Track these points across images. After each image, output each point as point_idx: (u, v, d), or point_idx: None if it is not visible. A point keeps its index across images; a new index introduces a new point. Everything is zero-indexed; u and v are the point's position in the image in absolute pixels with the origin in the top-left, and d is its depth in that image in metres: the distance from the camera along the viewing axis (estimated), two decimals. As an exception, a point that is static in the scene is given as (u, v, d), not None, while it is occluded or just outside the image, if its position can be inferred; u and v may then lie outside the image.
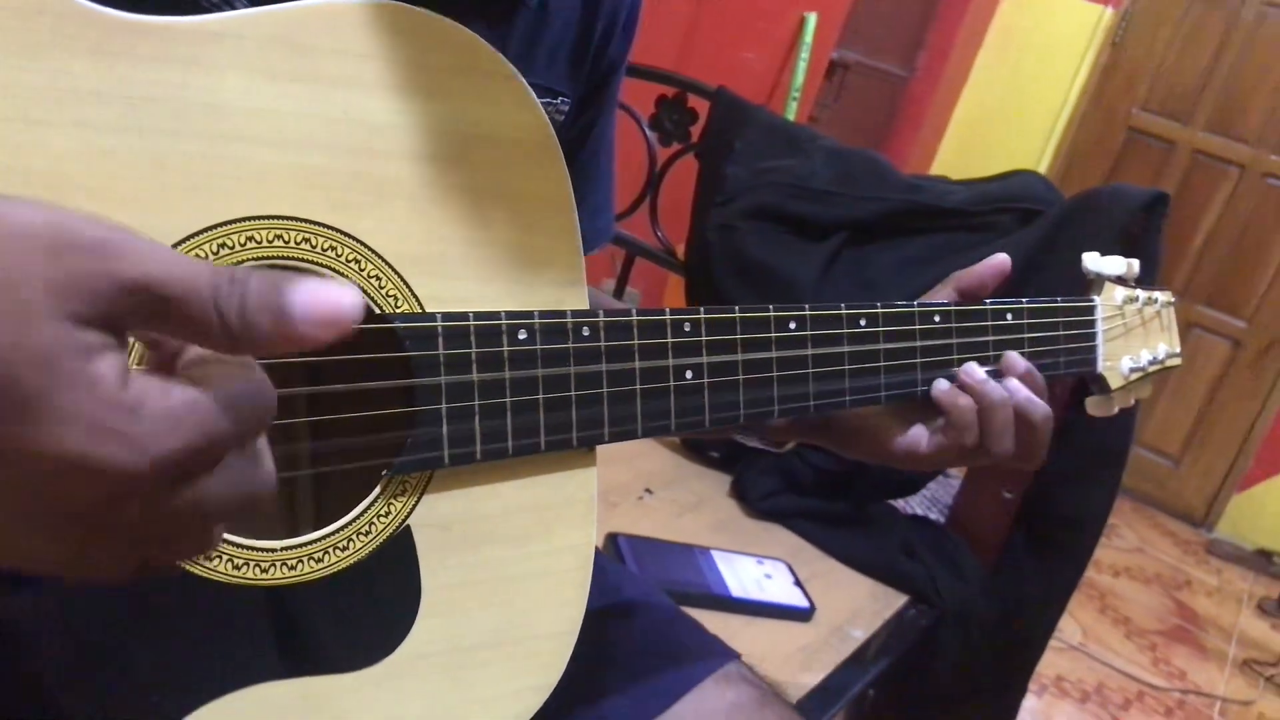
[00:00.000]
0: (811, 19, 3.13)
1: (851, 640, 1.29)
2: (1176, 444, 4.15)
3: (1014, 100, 4.29)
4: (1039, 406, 0.75)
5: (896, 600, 1.42)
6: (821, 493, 1.53)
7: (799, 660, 1.23)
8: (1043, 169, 4.28)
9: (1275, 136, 3.92)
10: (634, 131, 1.71)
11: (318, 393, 0.59)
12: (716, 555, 1.35)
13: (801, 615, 1.30)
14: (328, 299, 0.37)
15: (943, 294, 0.80)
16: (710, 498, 1.54)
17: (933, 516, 1.66)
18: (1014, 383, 0.76)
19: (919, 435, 0.77)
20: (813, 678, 1.20)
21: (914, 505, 1.70)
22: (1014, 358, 0.77)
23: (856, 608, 1.37)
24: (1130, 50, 4.16)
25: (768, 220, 1.52)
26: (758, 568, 1.35)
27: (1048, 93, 4.26)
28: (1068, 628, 2.97)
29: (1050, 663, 2.74)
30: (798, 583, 1.35)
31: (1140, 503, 4.18)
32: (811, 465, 1.54)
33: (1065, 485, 1.47)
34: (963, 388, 0.75)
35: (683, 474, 1.59)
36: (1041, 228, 1.44)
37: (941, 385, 0.76)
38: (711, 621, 0.97)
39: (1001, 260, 0.79)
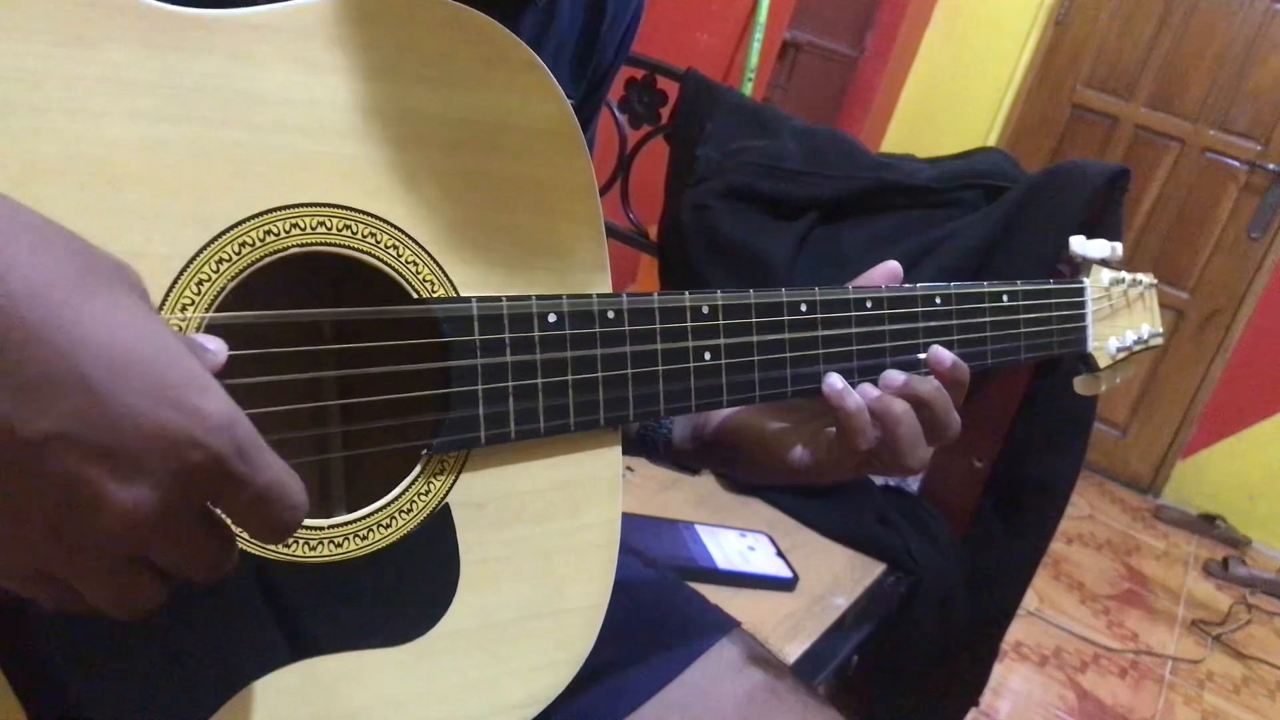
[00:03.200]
0: (765, 0, 3.15)
1: (834, 608, 1.33)
2: (1123, 413, 4.25)
3: (961, 78, 4.35)
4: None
5: (875, 568, 1.46)
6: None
7: (785, 629, 1.26)
8: (990, 145, 4.35)
9: (1214, 112, 4.02)
10: (604, 114, 1.73)
11: (353, 376, 0.61)
12: (700, 529, 1.38)
13: (786, 585, 1.33)
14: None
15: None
16: (688, 474, 1.57)
17: (906, 488, 1.70)
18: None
19: (810, 447, 0.77)
20: (799, 646, 1.24)
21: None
22: (939, 353, 0.76)
23: (837, 576, 1.41)
24: (1073, 29, 4.23)
25: (740, 200, 1.55)
26: (740, 540, 1.39)
27: (994, 71, 4.32)
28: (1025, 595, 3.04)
29: (1009, 629, 2.81)
30: (780, 554, 1.39)
31: (1089, 471, 4.28)
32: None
33: (1034, 453, 1.51)
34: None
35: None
36: (1007, 203, 1.48)
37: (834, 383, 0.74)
38: (698, 594, 0.99)
39: (892, 267, 0.79)
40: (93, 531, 0.38)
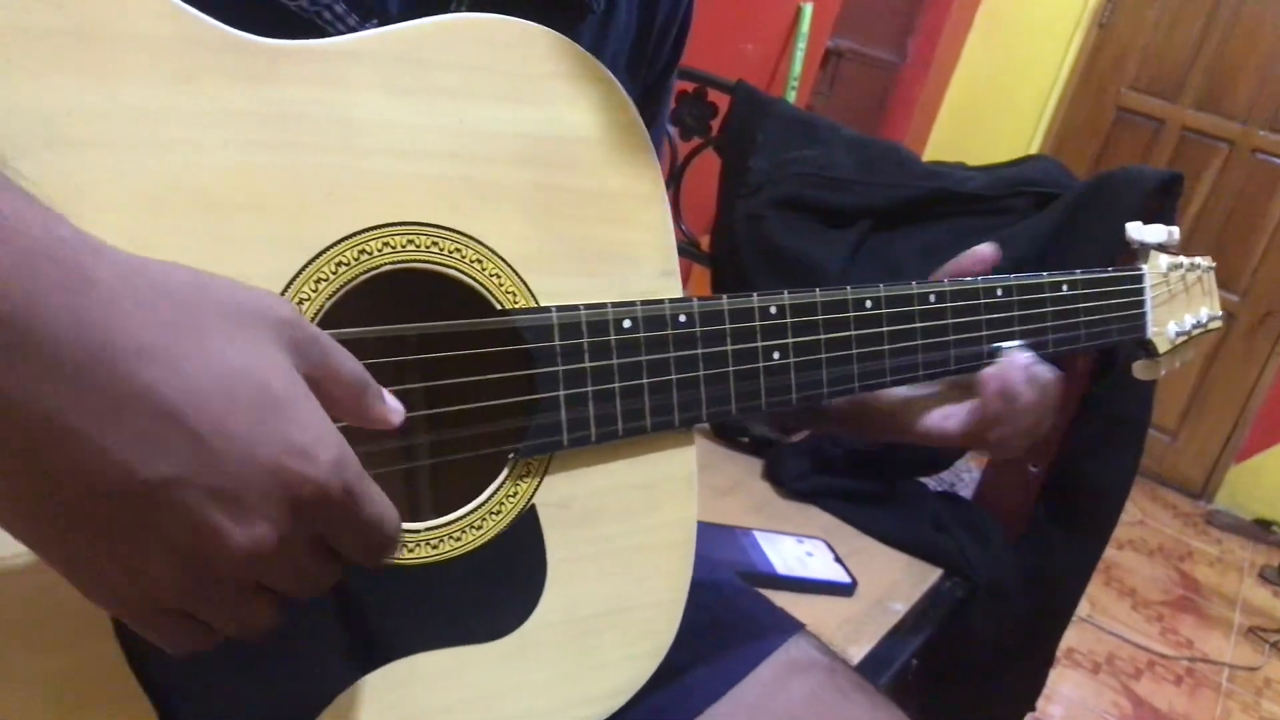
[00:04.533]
0: (808, 9, 3.17)
1: (892, 613, 1.34)
2: (1174, 417, 4.21)
3: (1004, 83, 4.34)
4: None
5: (931, 574, 1.47)
6: (852, 472, 1.58)
7: (845, 633, 1.27)
8: (1034, 150, 4.33)
9: (1263, 112, 3.98)
10: (655, 126, 1.75)
11: (439, 387, 0.63)
12: (759, 535, 1.40)
13: (844, 590, 1.34)
14: None
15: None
16: (744, 481, 1.59)
17: (961, 493, 1.71)
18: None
19: (950, 412, 0.81)
20: (860, 650, 1.25)
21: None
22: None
23: (894, 582, 1.42)
24: (1117, 30, 4.21)
25: (793, 209, 1.57)
26: (798, 546, 1.40)
27: (1037, 75, 4.31)
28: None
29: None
30: (838, 559, 1.40)
31: (1140, 476, 4.23)
32: (842, 446, 1.59)
33: (1088, 458, 1.52)
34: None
35: (715, 459, 1.64)
36: (1059, 210, 1.49)
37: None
38: (759, 599, 1.01)
39: (986, 250, 0.83)
40: (215, 568, 0.40)
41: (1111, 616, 3.05)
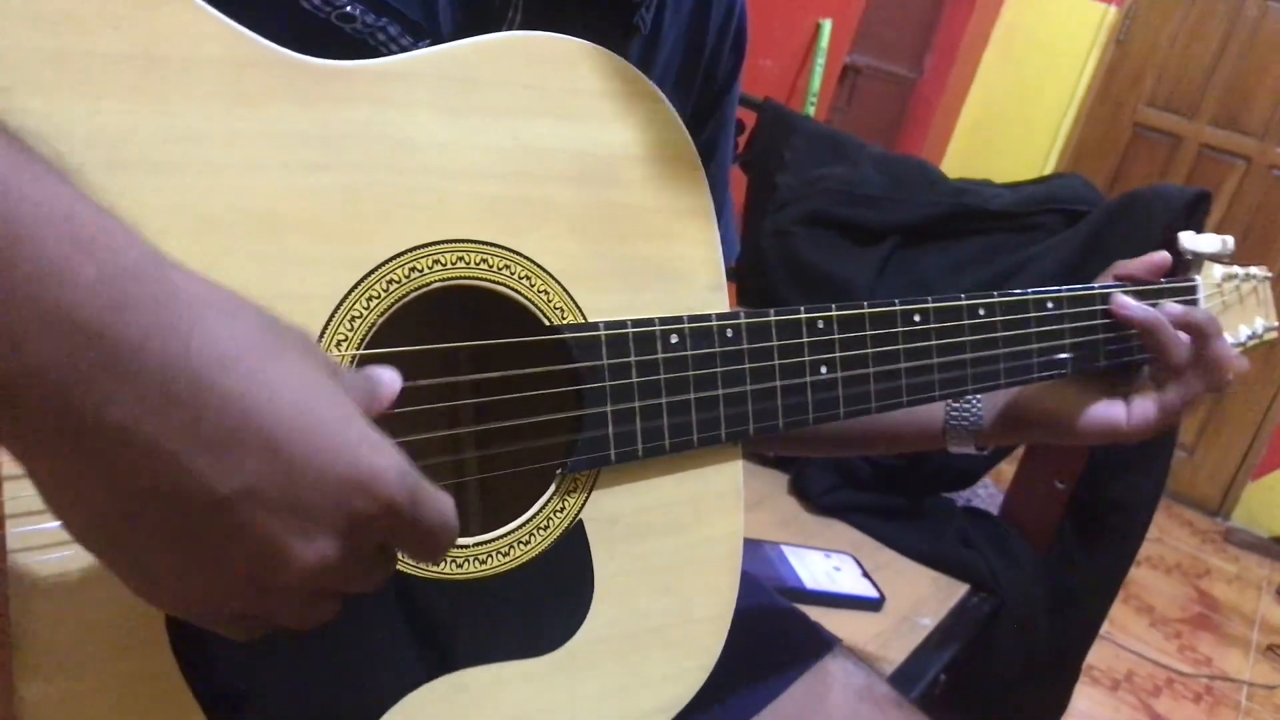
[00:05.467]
0: (826, 25, 3.18)
1: (920, 628, 1.34)
2: (1190, 434, 4.19)
3: (1020, 99, 4.34)
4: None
5: (958, 589, 1.47)
6: (879, 487, 1.58)
7: (874, 648, 1.27)
8: (1050, 166, 4.33)
9: (1280, 129, 3.98)
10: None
11: (487, 403, 0.64)
12: (787, 550, 1.40)
13: (872, 605, 1.34)
14: None
15: (1105, 281, 0.87)
16: (771, 496, 1.59)
17: (987, 509, 1.70)
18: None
19: (1117, 407, 0.84)
20: (889, 665, 1.25)
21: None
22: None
23: (922, 597, 1.42)
24: (1135, 47, 4.21)
25: (820, 226, 1.57)
26: (826, 561, 1.40)
27: (1053, 91, 4.31)
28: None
29: (1081, 652, 2.79)
30: (866, 574, 1.40)
31: (1157, 493, 4.22)
32: (868, 461, 1.59)
33: (1114, 475, 1.51)
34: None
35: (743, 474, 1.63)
36: (1086, 228, 1.49)
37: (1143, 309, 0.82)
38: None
39: (1161, 257, 0.87)
40: (283, 577, 0.41)
41: (1130, 633, 3.03)
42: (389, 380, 0.49)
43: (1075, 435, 0.85)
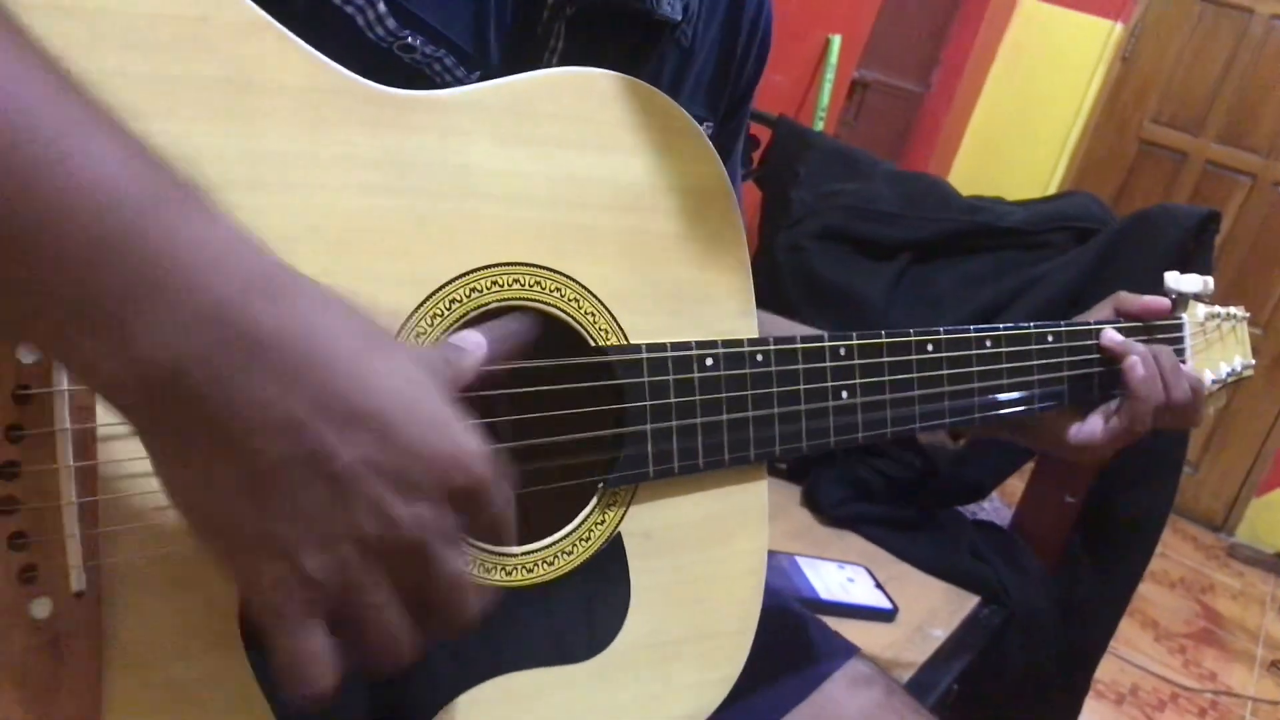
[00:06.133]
0: (836, 41, 3.21)
1: (933, 639, 1.36)
2: (1195, 450, 4.21)
3: (1027, 114, 4.37)
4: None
5: (969, 601, 1.49)
6: (891, 500, 1.60)
7: (887, 658, 1.30)
8: (1056, 182, 4.36)
9: (1287, 146, 4.01)
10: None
11: (531, 420, 0.67)
12: (801, 561, 1.43)
13: (886, 616, 1.37)
14: None
15: (1105, 310, 0.92)
16: (784, 507, 1.62)
17: (998, 522, 1.73)
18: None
19: (1095, 424, 0.88)
20: (902, 675, 1.27)
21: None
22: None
23: (933, 608, 1.45)
24: (1140, 64, 4.25)
25: (834, 241, 1.60)
26: (840, 572, 1.43)
27: (1060, 107, 4.34)
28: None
29: (1086, 665, 2.81)
30: (878, 585, 1.42)
31: (1161, 508, 4.23)
32: (881, 474, 1.62)
33: (1124, 490, 1.54)
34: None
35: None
36: (1098, 246, 1.52)
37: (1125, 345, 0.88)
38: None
39: (1161, 304, 0.92)
40: (388, 543, 0.45)
41: (1135, 647, 3.05)
42: (473, 346, 0.56)
43: (1027, 437, 0.92)
